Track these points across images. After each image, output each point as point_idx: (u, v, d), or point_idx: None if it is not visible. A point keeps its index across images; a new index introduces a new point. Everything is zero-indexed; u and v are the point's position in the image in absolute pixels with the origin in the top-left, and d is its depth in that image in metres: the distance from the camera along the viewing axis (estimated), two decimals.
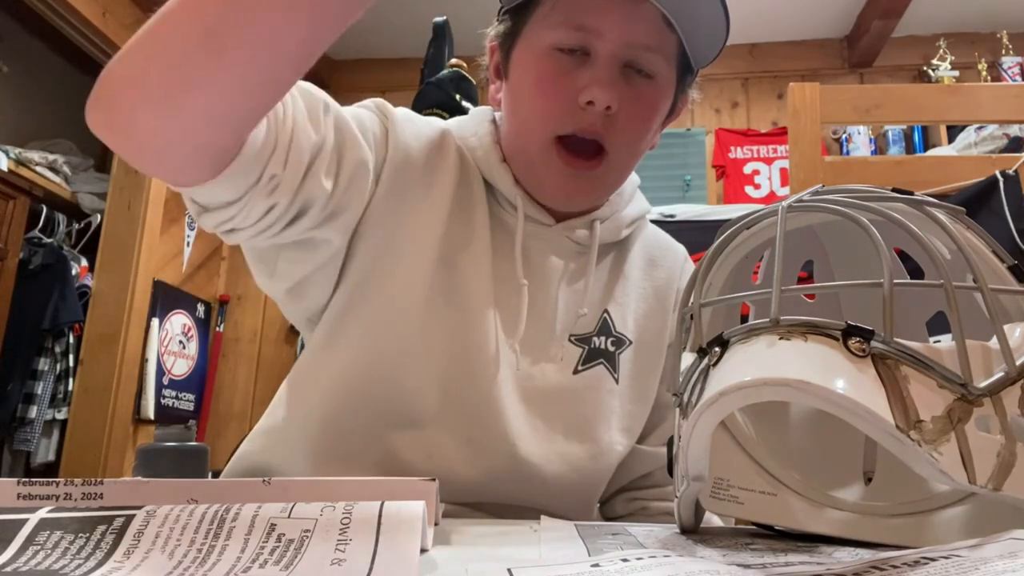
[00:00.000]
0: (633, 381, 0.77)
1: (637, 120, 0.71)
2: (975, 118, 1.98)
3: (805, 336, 0.37)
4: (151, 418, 2.98)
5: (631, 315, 0.79)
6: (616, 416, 0.75)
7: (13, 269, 2.80)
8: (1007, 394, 0.36)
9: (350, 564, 0.31)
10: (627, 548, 0.40)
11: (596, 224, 0.77)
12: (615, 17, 0.67)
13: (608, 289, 0.79)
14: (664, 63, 0.70)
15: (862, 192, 0.44)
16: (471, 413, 0.69)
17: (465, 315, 0.70)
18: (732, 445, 0.51)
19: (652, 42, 0.68)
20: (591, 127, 0.68)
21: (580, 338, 0.75)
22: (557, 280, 0.76)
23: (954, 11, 3.33)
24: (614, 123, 0.69)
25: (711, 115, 3.64)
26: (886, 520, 0.47)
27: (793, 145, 1.73)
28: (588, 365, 0.75)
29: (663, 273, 0.83)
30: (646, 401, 0.78)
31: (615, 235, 0.79)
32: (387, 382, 0.69)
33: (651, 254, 0.84)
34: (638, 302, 0.80)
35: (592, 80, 0.67)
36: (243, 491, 0.42)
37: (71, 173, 3.17)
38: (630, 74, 0.69)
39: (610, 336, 0.76)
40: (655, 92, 0.71)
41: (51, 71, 3.40)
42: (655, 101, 0.72)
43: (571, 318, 0.75)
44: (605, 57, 0.68)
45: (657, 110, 0.73)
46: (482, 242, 0.72)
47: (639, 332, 0.79)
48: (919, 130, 3.23)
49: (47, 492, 0.41)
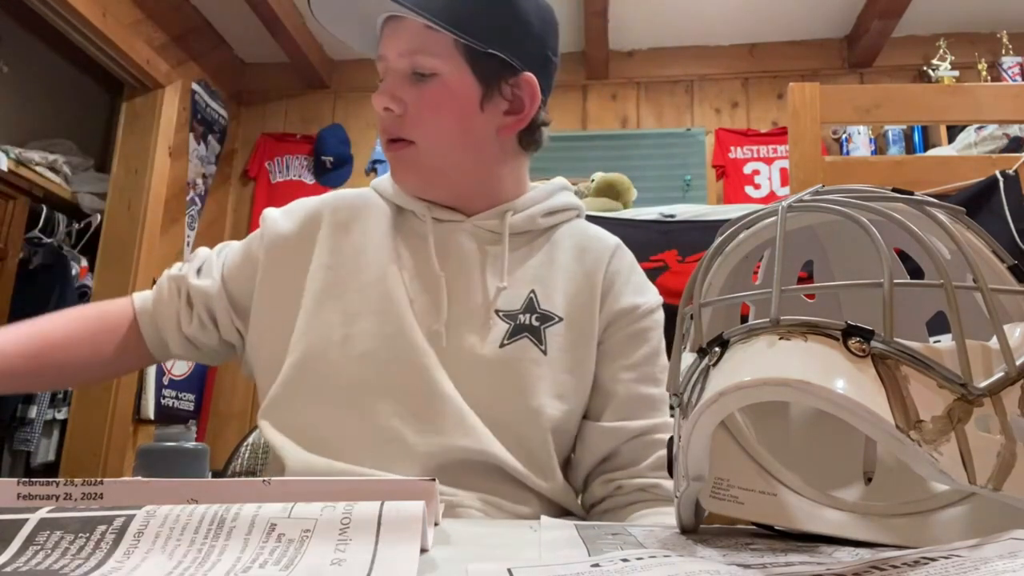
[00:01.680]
0: (563, 354, 0.84)
1: (428, 111, 0.83)
2: (975, 118, 1.98)
3: (805, 336, 0.37)
4: (151, 418, 2.98)
5: (560, 295, 0.87)
6: (546, 383, 0.82)
7: (13, 269, 2.80)
8: (1007, 394, 0.36)
9: (350, 564, 0.31)
10: (627, 548, 0.40)
11: (507, 215, 0.88)
12: (385, 40, 0.84)
13: (536, 272, 0.87)
14: (442, 57, 0.81)
15: (862, 192, 0.44)
16: (410, 389, 0.79)
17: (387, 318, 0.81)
18: (732, 445, 0.51)
19: (418, 45, 0.81)
20: (387, 128, 0.85)
21: (507, 314, 0.84)
22: (478, 264, 0.86)
23: (954, 11, 3.33)
24: (405, 120, 0.83)
25: (711, 115, 3.64)
26: (886, 520, 0.47)
27: (793, 145, 1.73)
28: (514, 339, 0.83)
29: (592, 257, 0.91)
30: (579, 372, 0.85)
31: (530, 224, 0.89)
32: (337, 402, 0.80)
33: (581, 243, 0.92)
34: (567, 283, 0.88)
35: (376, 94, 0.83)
36: (243, 491, 0.42)
37: (71, 173, 3.17)
38: (417, 79, 0.83)
39: (535, 313, 0.85)
40: (438, 85, 0.82)
41: (51, 71, 3.40)
42: (439, 92, 0.83)
43: (497, 295, 0.84)
44: (389, 73, 0.84)
45: (448, 97, 0.83)
46: (383, 251, 0.86)
47: (569, 310, 0.86)
48: (919, 130, 3.23)
49: (47, 492, 0.41)
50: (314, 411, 0.80)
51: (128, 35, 2.85)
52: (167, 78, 3.07)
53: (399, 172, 0.88)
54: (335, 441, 0.78)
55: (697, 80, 3.67)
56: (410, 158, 0.85)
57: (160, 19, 3.05)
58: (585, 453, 0.86)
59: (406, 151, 0.85)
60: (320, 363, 0.81)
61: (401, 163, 0.87)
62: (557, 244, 0.91)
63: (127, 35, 2.84)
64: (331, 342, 0.81)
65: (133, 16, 2.90)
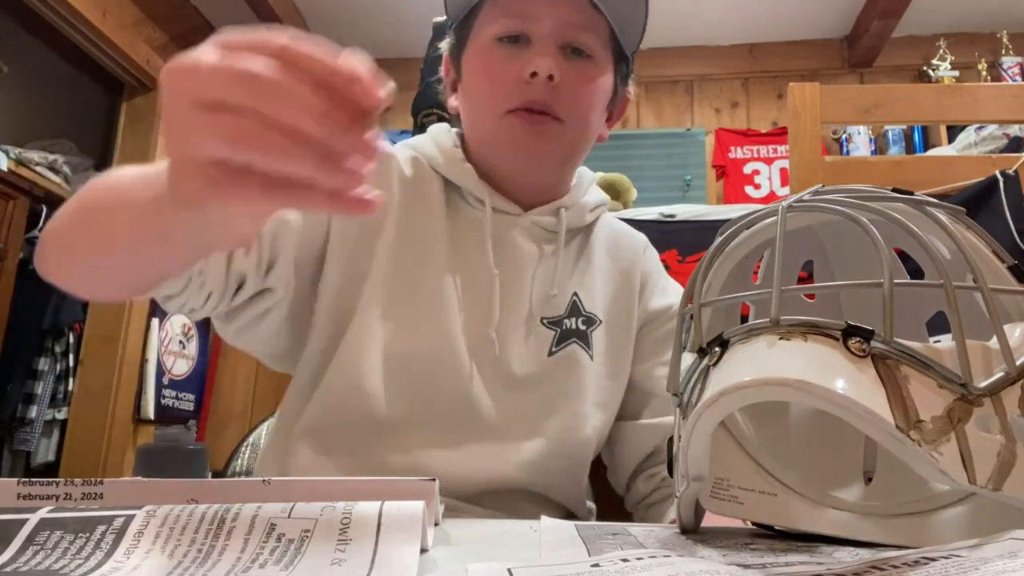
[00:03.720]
0: (605, 358, 0.81)
1: (582, 94, 0.76)
2: (975, 118, 1.98)
3: (805, 336, 0.37)
4: (151, 418, 2.98)
5: (600, 295, 0.83)
6: (591, 391, 0.79)
7: (13, 269, 2.80)
8: (1007, 394, 0.36)
9: (350, 564, 0.31)
10: (627, 548, 0.40)
11: (562, 211, 0.82)
12: (546, 1, 0.74)
13: (575, 273, 0.83)
14: (598, 44, 0.76)
15: (862, 192, 0.44)
16: (448, 412, 0.74)
17: (430, 320, 0.74)
18: (732, 445, 0.51)
19: (583, 21, 0.75)
20: (539, 97, 0.74)
21: (552, 321, 0.79)
22: (532, 265, 0.80)
23: (954, 11, 3.33)
24: (559, 94, 0.74)
25: (711, 115, 3.64)
26: (886, 520, 0.47)
27: (793, 145, 1.73)
28: (562, 346, 0.79)
29: (626, 255, 0.88)
30: (619, 376, 0.83)
31: (580, 220, 0.84)
32: (371, 408, 0.73)
33: (613, 239, 0.88)
34: (606, 283, 0.84)
35: (534, 55, 0.73)
36: (243, 491, 0.42)
37: (71, 173, 3.17)
38: (568, 54, 0.75)
39: (580, 316, 0.81)
40: (595, 68, 0.77)
41: (51, 71, 3.40)
42: (595, 76, 0.77)
43: (544, 301, 0.79)
44: (543, 37, 0.74)
45: (599, 86, 0.78)
46: (441, 242, 0.77)
47: (608, 311, 0.83)
48: (919, 130, 3.23)
49: (47, 492, 0.41)
50: (353, 441, 0.73)
51: (128, 35, 2.85)
52: None
53: (538, 144, 0.76)
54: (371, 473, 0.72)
55: (697, 80, 3.68)
56: (554, 135, 0.76)
57: (160, 19, 3.06)
58: (627, 453, 0.84)
59: (552, 126, 0.75)
60: (360, 393, 0.72)
61: (543, 137, 0.75)
62: (591, 240, 0.86)
63: (127, 35, 2.84)
64: (373, 367, 0.73)
65: (133, 16, 2.90)
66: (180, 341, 3.20)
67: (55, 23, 2.68)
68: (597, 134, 0.81)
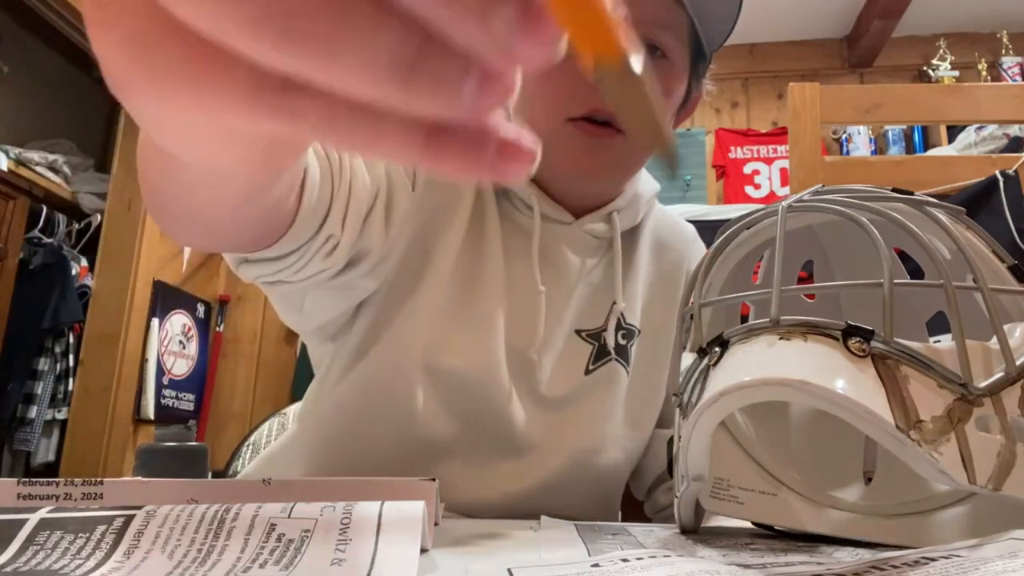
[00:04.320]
0: (642, 370, 0.76)
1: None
2: (975, 118, 1.98)
3: (805, 336, 0.37)
4: (151, 418, 2.98)
5: (639, 303, 0.77)
6: (625, 410, 0.75)
7: (13, 269, 2.80)
8: (1007, 394, 0.36)
9: (350, 564, 0.31)
10: (627, 548, 0.40)
11: (615, 216, 0.75)
12: None
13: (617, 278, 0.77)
14: (676, 42, 0.68)
15: (862, 192, 0.44)
16: (486, 435, 0.70)
17: (475, 336, 0.69)
18: (732, 445, 0.51)
19: (661, 17, 0.66)
20: (605, 107, 0.64)
21: (590, 334, 0.74)
22: (575, 279, 0.74)
23: (954, 11, 3.33)
24: None
25: (711, 115, 3.64)
26: (886, 520, 0.47)
27: (793, 145, 1.73)
28: (600, 363, 0.74)
29: (672, 257, 0.82)
30: (656, 390, 0.77)
31: (633, 220, 0.78)
32: (399, 413, 0.68)
33: (660, 236, 0.82)
34: (645, 289, 0.78)
35: None
36: (243, 491, 0.42)
37: (71, 173, 3.17)
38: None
39: (621, 329, 0.75)
40: (669, 71, 0.68)
41: (51, 71, 3.40)
42: (668, 80, 0.69)
43: (583, 313, 0.74)
44: None
45: (672, 92, 0.70)
46: (495, 251, 0.71)
47: (645, 320, 0.77)
48: (919, 130, 3.23)
49: (47, 492, 0.41)
50: (381, 451, 0.70)
51: None
52: None
53: (597, 167, 0.69)
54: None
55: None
56: (615, 151, 0.68)
57: None
58: (652, 461, 0.80)
59: (614, 141, 0.67)
60: (394, 400, 0.68)
61: (602, 154, 0.68)
62: (637, 239, 0.79)
63: None
64: (412, 375, 0.68)
65: None
66: (180, 341, 3.20)
67: (55, 23, 2.68)
68: None
